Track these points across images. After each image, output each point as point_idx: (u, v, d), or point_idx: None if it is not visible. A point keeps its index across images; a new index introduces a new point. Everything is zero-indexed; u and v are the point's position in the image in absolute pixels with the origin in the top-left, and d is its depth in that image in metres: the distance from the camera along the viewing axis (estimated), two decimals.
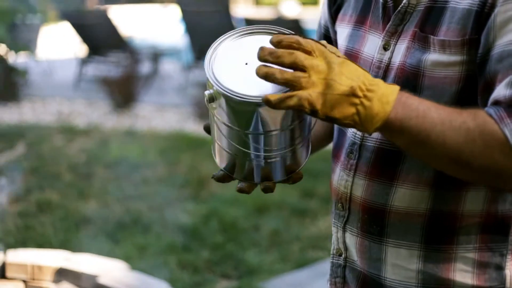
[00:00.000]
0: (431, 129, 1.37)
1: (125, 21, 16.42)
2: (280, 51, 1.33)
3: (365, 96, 1.34)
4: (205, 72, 1.38)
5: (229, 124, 1.41)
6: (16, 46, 9.77)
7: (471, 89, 1.49)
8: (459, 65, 1.49)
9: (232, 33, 1.44)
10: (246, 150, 1.44)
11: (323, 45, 1.38)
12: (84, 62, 11.22)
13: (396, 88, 1.37)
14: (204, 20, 10.23)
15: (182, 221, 5.20)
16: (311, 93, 1.32)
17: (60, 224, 5.13)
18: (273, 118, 1.39)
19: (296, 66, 1.32)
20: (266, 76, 1.32)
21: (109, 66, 10.10)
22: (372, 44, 1.65)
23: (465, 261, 1.56)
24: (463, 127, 1.36)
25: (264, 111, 1.36)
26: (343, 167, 1.67)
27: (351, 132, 1.66)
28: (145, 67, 10.51)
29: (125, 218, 5.25)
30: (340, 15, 1.79)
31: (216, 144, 1.49)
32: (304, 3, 34.40)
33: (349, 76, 1.35)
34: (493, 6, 1.44)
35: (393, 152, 1.54)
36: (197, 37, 10.40)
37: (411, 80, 1.53)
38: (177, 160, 6.69)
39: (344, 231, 1.69)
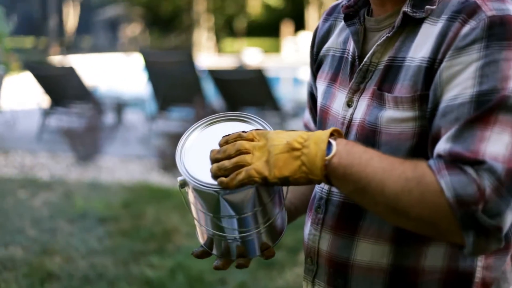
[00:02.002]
0: (372, 177, 1.42)
1: (89, 70, 16.41)
2: (226, 146, 1.46)
3: (303, 146, 1.43)
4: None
5: (202, 210, 1.51)
6: None
7: (425, 145, 1.54)
8: (412, 121, 1.54)
9: (203, 121, 1.57)
10: (220, 233, 1.52)
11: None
12: (46, 113, 11.16)
13: (330, 129, 1.46)
14: (168, 70, 10.25)
15: (148, 275, 5.16)
16: (257, 164, 1.43)
17: (24, 280, 5.06)
18: (241, 201, 1.48)
19: (241, 152, 1.44)
20: (218, 170, 1.44)
21: (72, 117, 10.07)
22: (339, 100, 1.73)
23: None
24: (402, 177, 1.41)
25: (230, 196, 1.46)
26: (312, 222, 1.73)
27: (318, 187, 1.72)
28: (109, 118, 10.49)
29: (90, 273, 5.19)
30: (319, 72, 1.88)
31: (195, 222, 1.57)
32: (266, 51, 34.69)
33: (285, 136, 1.46)
34: (441, 62, 1.50)
35: (356, 206, 1.57)
36: (160, 87, 10.42)
37: (370, 136, 1.60)
38: (141, 213, 6.65)
39: (313, 285, 1.73)
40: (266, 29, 43.50)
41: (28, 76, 11.37)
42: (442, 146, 1.44)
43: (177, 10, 39.68)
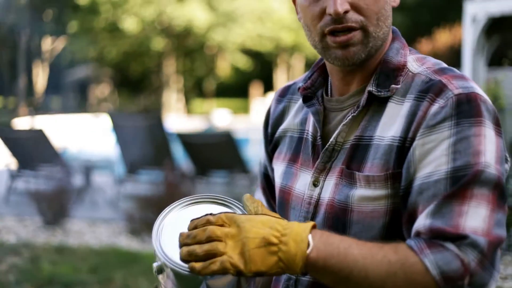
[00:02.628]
0: (354, 265, 1.43)
1: (57, 131, 16.35)
2: (195, 231, 1.43)
3: (281, 242, 1.41)
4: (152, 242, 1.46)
5: None
6: None
7: (398, 222, 1.56)
8: (384, 199, 1.57)
9: (177, 204, 1.53)
10: None
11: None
12: (14, 176, 11.08)
13: (309, 225, 1.44)
14: (136, 133, 10.26)
15: None
16: (232, 255, 1.40)
17: None
18: (222, 285, 1.45)
19: (212, 239, 1.41)
20: (189, 255, 1.41)
21: (40, 180, 10.01)
22: (303, 181, 1.73)
23: None
24: (384, 261, 1.42)
25: (211, 281, 1.43)
26: None
27: None
28: (77, 180, 10.44)
29: None
30: (276, 153, 1.89)
31: None
32: (235, 112, 34.88)
33: (260, 228, 1.43)
34: (412, 141, 1.54)
35: (326, 287, 1.56)
36: (129, 150, 10.41)
37: (340, 215, 1.62)
38: (110, 277, 6.58)
39: None
40: (235, 90, 43.82)
41: None
42: (422, 222, 1.46)
43: (146, 71, 39.87)
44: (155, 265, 1.45)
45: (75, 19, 34.27)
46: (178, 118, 27.46)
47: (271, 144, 1.91)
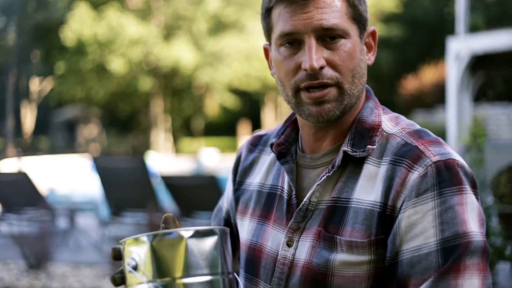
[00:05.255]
0: None
1: (43, 173, 16.32)
2: None
3: None
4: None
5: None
6: None
7: (381, 286, 1.57)
8: (367, 264, 1.56)
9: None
10: None
11: None
12: None
13: None
14: (120, 176, 10.25)
15: None
16: None
17: None
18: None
19: None
20: None
21: (24, 223, 9.97)
22: (275, 239, 1.71)
23: None
24: None
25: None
26: None
27: None
28: (61, 223, 10.40)
29: None
30: (240, 207, 1.86)
31: None
32: (223, 151, 34.89)
33: None
34: (394, 209, 1.54)
35: (317, 281, 1.60)
36: (113, 192, 10.39)
37: (319, 279, 1.60)
38: None
39: None
40: (223, 129, 43.90)
41: None
42: None
43: (134, 111, 39.93)
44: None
45: (62, 60, 34.38)
46: (166, 158, 27.45)
47: (236, 193, 1.89)
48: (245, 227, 1.81)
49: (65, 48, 33.43)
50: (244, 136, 36.30)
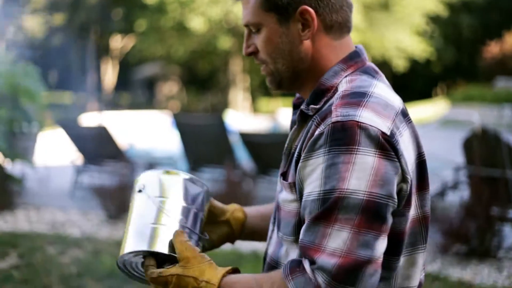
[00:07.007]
0: None
1: (123, 127, 16.57)
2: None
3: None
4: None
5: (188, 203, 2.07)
6: (12, 154, 9.87)
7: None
8: (295, 202, 1.87)
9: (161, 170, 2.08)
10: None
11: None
12: (79, 171, 11.29)
13: (221, 272, 1.85)
14: (199, 133, 10.34)
15: None
16: None
17: None
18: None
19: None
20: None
21: (104, 176, 10.18)
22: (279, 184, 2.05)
23: None
24: None
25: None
26: None
27: None
28: None
29: None
30: None
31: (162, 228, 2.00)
32: None
33: (198, 269, 1.85)
34: (299, 159, 1.82)
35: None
36: (192, 148, 10.51)
37: (276, 212, 2.02)
38: None
39: None
40: None
41: (61, 133, 11.51)
42: (301, 235, 1.76)
43: (214, 69, 40.10)
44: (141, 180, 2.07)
45: (143, 17, 34.63)
46: (244, 117, 27.55)
47: None
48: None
49: (146, 6, 33.65)
50: None
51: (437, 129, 22.72)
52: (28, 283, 6.27)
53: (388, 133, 1.73)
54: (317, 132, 1.75)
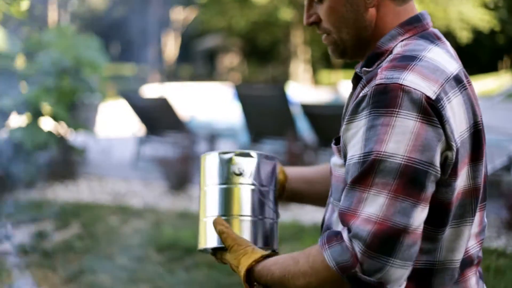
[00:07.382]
0: (280, 280, 1.78)
1: (185, 98, 16.63)
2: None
3: (238, 270, 1.89)
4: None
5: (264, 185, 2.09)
6: (75, 124, 9.95)
7: None
8: (344, 166, 1.81)
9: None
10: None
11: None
12: (141, 141, 11.35)
13: (255, 257, 1.86)
14: (261, 104, 10.29)
15: None
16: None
17: None
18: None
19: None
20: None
21: (166, 147, 10.20)
22: None
23: None
24: (299, 265, 1.73)
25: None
26: None
27: None
28: (202, 148, 10.59)
29: None
30: None
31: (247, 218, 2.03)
32: None
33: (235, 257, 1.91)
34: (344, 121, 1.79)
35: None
36: (253, 119, 10.47)
37: (330, 178, 2.03)
38: None
39: None
40: None
41: (124, 104, 11.58)
42: (341, 202, 1.72)
43: (275, 41, 39.94)
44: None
45: None
46: (305, 89, 27.44)
47: None
48: None
49: None
50: None
51: (503, 102, 22.30)
52: (90, 253, 6.31)
53: (434, 98, 1.66)
54: (361, 95, 1.72)
